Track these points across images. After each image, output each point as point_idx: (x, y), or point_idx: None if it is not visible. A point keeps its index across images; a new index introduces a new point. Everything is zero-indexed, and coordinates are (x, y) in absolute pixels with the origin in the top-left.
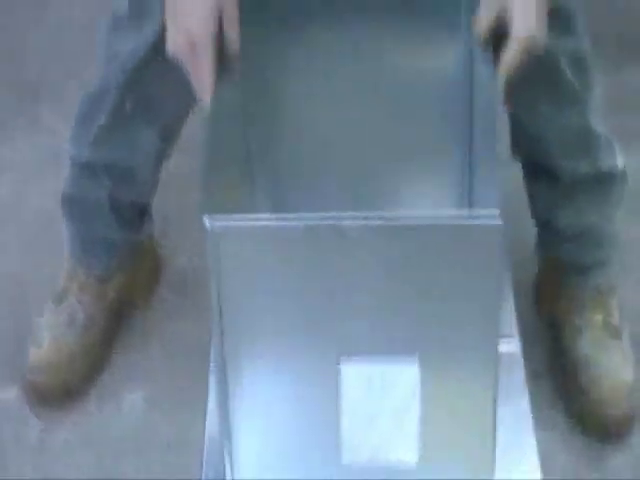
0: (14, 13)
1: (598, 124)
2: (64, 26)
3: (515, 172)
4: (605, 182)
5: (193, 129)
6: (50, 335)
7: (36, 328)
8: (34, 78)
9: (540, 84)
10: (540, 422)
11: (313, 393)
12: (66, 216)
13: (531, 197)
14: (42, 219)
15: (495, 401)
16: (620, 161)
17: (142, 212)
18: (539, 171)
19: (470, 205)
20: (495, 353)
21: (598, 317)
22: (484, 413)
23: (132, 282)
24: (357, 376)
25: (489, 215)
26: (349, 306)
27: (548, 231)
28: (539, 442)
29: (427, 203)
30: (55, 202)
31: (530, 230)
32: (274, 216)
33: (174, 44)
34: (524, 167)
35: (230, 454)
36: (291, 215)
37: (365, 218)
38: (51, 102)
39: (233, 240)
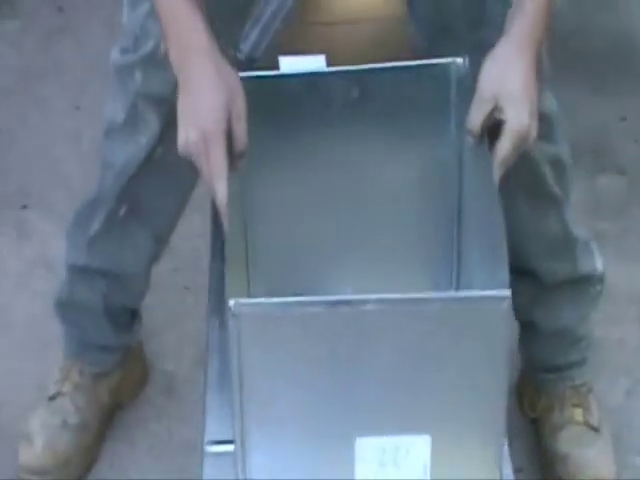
0: None
1: (577, 227)
2: (49, 132)
3: None
4: (584, 284)
5: (175, 232)
6: (44, 437)
7: (27, 428)
8: (20, 185)
9: (521, 187)
10: None
11: (329, 469)
12: (60, 319)
13: (513, 296)
14: (31, 323)
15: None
16: (599, 263)
17: (133, 315)
18: (521, 272)
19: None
20: (501, 443)
21: (577, 414)
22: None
23: (123, 382)
24: (371, 451)
25: (499, 292)
26: (364, 385)
27: (528, 330)
28: None
29: (416, 283)
30: (43, 306)
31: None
32: (293, 300)
33: (186, 141)
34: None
35: None
36: (309, 299)
37: (380, 300)
38: (38, 208)
39: (254, 322)
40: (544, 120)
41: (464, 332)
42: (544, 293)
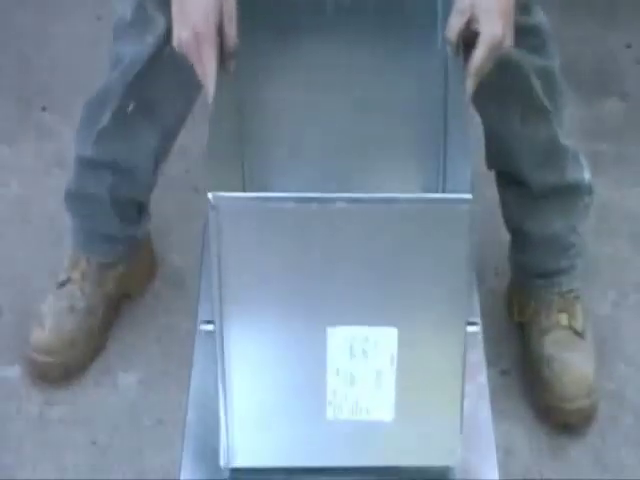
0: (22, 26)
1: (566, 139)
2: (71, 40)
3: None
4: (571, 193)
5: (188, 135)
6: (52, 319)
7: (39, 311)
8: (41, 89)
9: (511, 98)
10: (506, 414)
11: (302, 357)
12: (69, 210)
13: (504, 205)
14: (46, 217)
15: (463, 370)
16: (587, 174)
17: (141, 209)
18: (511, 181)
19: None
20: (463, 325)
21: (563, 319)
22: (453, 380)
23: (130, 275)
24: (342, 341)
25: (461, 195)
26: (335, 279)
27: (518, 237)
28: (505, 433)
29: (404, 189)
30: (58, 202)
31: (505, 242)
32: (266, 195)
33: (180, 39)
34: (497, 177)
35: (225, 409)
36: (282, 195)
37: (352, 199)
38: (57, 111)
39: (233, 215)
40: (534, 33)
41: (429, 232)
42: (534, 201)
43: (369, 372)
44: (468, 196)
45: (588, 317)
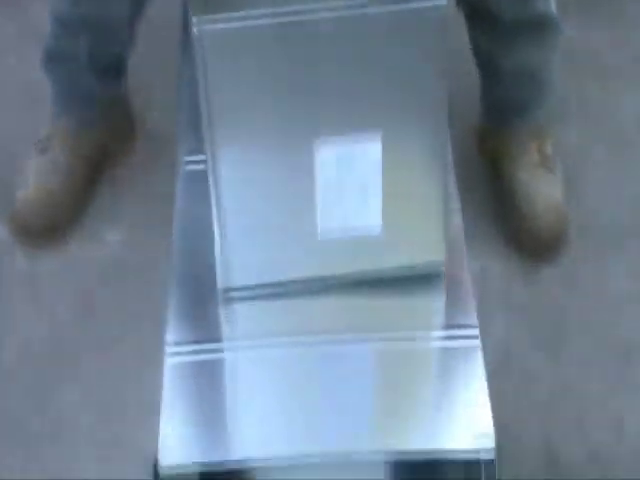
0: None
1: None
2: None
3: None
4: (542, 26)
5: None
6: (36, 180)
7: (22, 173)
8: None
9: None
10: (477, 244)
11: (291, 173)
12: (48, 73)
13: (474, 42)
14: (25, 87)
15: (447, 176)
16: (554, 9)
17: (118, 68)
18: (481, 16)
19: None
20: (446, 132)
21: (534, 149)
22: (436, 192)
23: (110, 133)
24: (330, 154)
25: (436, 2)
26: (320, 91)
27: (490, 73)
28: (478, 257)
29: None
30: (36, 75)
31: (473, 88)
32: (252, 13)
33: None
34: (467, 16)
35: (219, 229)
36: (267, 11)
37: (333, 8)
38: None
39: (216, 39)
40: None
41: (408, 38)
42: (505, 35)
43: (356, 181)
44: (443, 2)
45: (557, 148)
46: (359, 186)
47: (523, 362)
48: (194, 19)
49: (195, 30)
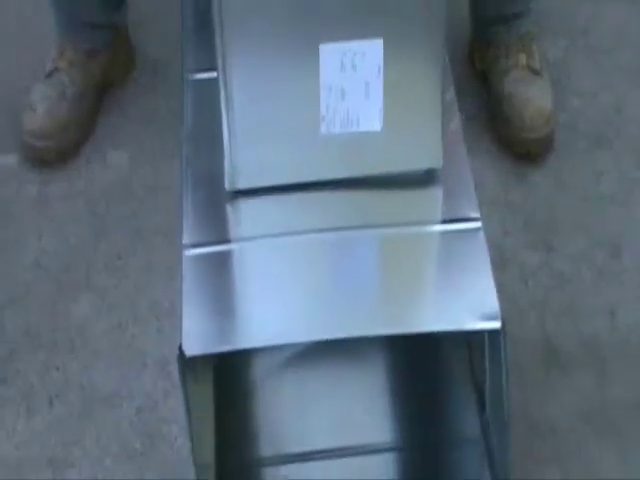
0: None
1: None
2: None
3: None
4: None
5: None
6: (44, 105)
7: (29, 100)
8: None
9: None
10: (473, 153)
11: (297, 76)
12: (52, 0)
13: None
14: (23, 20)
15: (442, 80)
16: None
17: None
18: None
19: None
20: (442, 34)
21: (522, 59)
22: (434, 89)
23: (113, 62)
24: (333, 57)
25: None
26: (330, 17)
27: None
28: (472, 161)
29: None
30: (33, 6)
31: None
32: None
33: None
34: None
35: (228, 130)
36: None
37: None
38: None
39: None
40: None
41: None
42: None
43: (358, 84)
44: None
45: (544, 58)
46: (361, 86)
47: (519, 258)
48: None
49: None
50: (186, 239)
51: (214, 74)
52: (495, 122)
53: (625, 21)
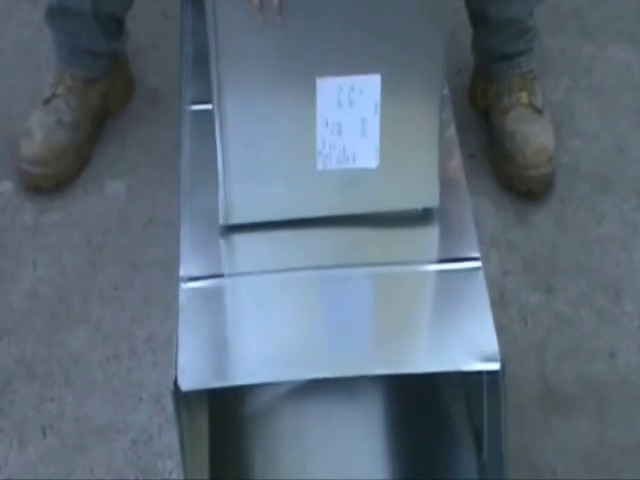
0: None
1: None
2: None
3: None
4: None
5: None
6: (41, 132)
7: (27, 126)
8: None
9: None
10: (473, 189)
11: (293, 111)
12: (53, 26)
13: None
14: (20, 47)
15: (440, 119)
16: None
17: (120, 24)
18: None
19: None
20: (441, 73)
21: (524, 96)
22: (431, 128)
23: (111, 90)
24: (330, 92)
25: None
26: (324, 30)
27: (481, 24)
28: (472, 199)
29: None
30: (31, 33)
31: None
32: None
33: None
34: None
35: (223, 166)
36: None
37: None
38: None
39: None
40: None
41: None
42: None
43: (355, 120)
44: None
45: (546, 99)
46: (358, 122)
47: (518, 298)
48: None
49: None
50: (183, 272)
51: (211, 106)
52: (496, 159)
53: (627, 62)
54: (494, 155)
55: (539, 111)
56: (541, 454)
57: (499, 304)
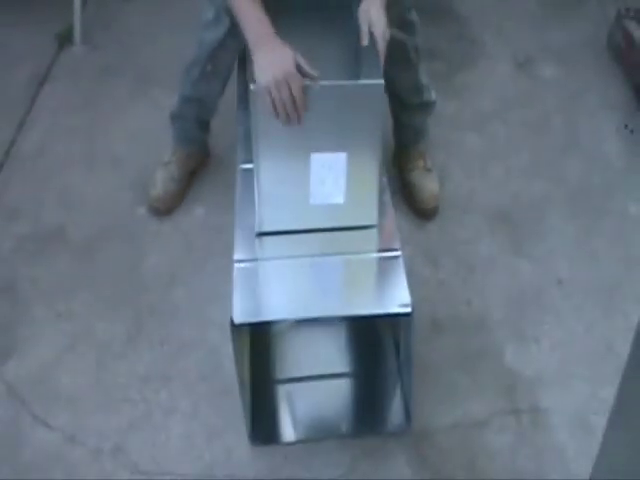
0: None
1: (424, 78)
2: (176, 39)
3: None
4: (425, 104)
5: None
6: (161, 183)
7: (154, 179)
8: (149, 65)
9: (398, 61)
10: (396, 212)
11: (298, 169)
12: (173, 124)
13: (392, 111)
14: (150, 133)
15: (379, 171)
16: (434, 95)
17: (208, 124)
18: (396, 100)
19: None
20: (379, 148)
21: (420, 163)
22: (374, 176)
23: (200, 157)
24: (319, 162)
25: (376, 81)
26: (315, 134)
27: (397, 125)
28: (396, 222)
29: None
30: (160, 127)
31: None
32: None
33: (270, 80)
34: (389, 97)
35: (259, 194)
36: None
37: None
38: (159, 82)
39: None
40: (411, 24)
41: (360, 105)
42: (405, 108)
43: (331, 177)
44: (381, 82)
45: (433, 164)
46: (333, 178)
47: (418, 271)
48: (251, 86)
49: (252, 87)
50: (235, 257)
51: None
52: (407, 197)
53: (474, 145)
54: (406, 195)
55: (430, 170)
56: (429, 355)
57: (408, 274)
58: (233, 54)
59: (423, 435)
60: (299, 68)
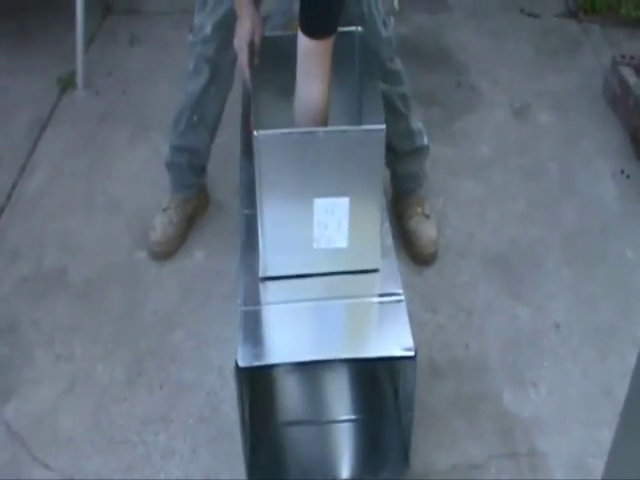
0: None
1: (416, 124)
2: (170, 94)
3: None
4: (418, 151)
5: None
6: (160, 228)
7: (153, 223)
8: (151, 118)
9: (388, 110)
10: (397, 258)
11: (301, 214)
12: (168, 171)
13: (387, 162)
14: (151, 178)
15: (381, 218)
16: (426, 140)
17: (203, 169)
18: (389, 149)
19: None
20: (381, 193)
21: (419, 210)
22: (376, 222)
23: (198, 203)
24: (322, 206)
25: (378, 126)
26: (320, 181)
27: (394, 173)
28: (398, 267)
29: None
30: (156, 171)
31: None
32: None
33: (235, 44)
34: None
35: (263, 240)
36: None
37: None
38: (159, 128)
39: (269, 143)
40: (396, 74)
41: (362, 148)
42: (400, 158)
43: (334, 221)
44: (382, 127)
45: (432, 210)
46: (336, 222)
47: (417, 315)
48: (255, 132)
49: (256, 134)
50: (239, 302)
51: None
52: (407, 244)
53: (472, 191)
54: (405, 241)
55: (428, 217)
56: (428, 398)
57: (411, 320)
58: (217, 103)
59: (422, 478)
60: (256, 36)
